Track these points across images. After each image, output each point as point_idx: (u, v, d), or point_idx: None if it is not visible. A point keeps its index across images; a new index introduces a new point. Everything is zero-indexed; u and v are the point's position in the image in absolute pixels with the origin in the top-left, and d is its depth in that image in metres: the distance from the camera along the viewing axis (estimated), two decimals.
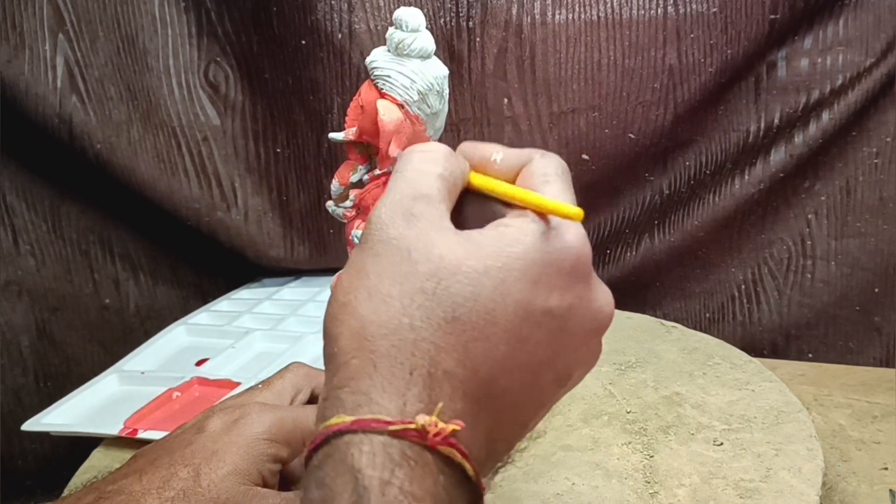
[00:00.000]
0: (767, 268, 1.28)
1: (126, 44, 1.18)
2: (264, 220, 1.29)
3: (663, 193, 1.28)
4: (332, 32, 1.16)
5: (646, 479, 0.76)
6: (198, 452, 0.63)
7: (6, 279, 1.19)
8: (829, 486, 0.85)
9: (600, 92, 1.20)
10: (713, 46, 1.17)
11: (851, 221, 1.23)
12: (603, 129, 1.21)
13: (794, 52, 1.19)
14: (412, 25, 0.68)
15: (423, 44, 0.68)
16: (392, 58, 0.69)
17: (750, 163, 1.24)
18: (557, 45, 1.18)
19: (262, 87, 1.24)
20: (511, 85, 1.20)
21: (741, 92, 1.22)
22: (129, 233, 1.29)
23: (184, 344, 1.13)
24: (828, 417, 0.98)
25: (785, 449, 0.79)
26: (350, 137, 0.72)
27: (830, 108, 1.19)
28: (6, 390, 1.20)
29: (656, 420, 0.86)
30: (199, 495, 0.60)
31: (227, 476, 0.61)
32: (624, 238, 1.33)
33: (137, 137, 1.20)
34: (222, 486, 0.61)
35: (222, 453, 0.62)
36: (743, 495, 0.73)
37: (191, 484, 0.61)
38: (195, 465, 0.62)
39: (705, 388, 0.92)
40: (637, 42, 1.18)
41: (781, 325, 1.29)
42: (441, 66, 0.70)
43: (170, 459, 0.63)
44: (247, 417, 0.65)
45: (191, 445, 0.64)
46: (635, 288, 1.34)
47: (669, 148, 1.25)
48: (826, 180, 1.23)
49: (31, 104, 1.13)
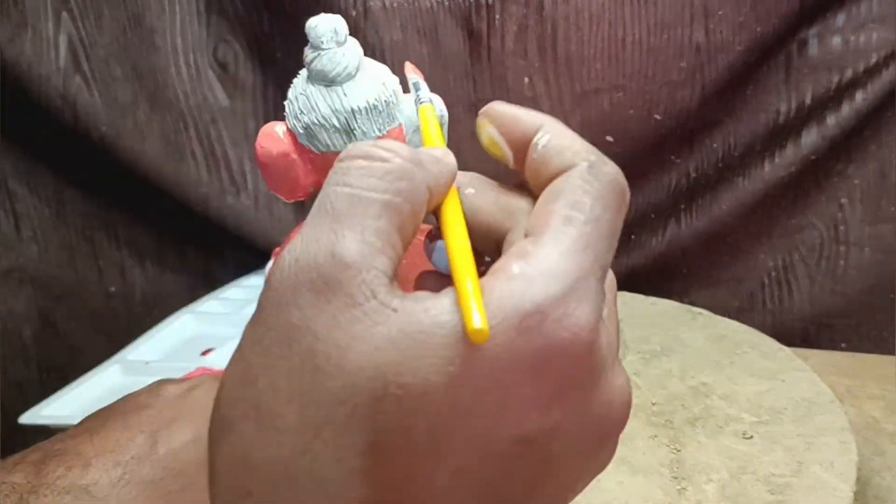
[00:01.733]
0: (798, 254, 1.26)
1: (132, 22, 1.17)
2: (274, 204, 1.29)
3: (690, 177, 1.26)
4: (345, 10, 1.14)
5: (673, 475, 0.74)
6: (154, 418, 0.61)
7: (8, 266, 1.19)
8: (863, 480, 0.82)
9: (625, 71, 1.17)
10: (742, 24, 1.14)
11: (886, 206, 1.20)
12: (627, 110, 1.19)
13: (826, 30, 1.16)
14: (313, 41, 0.56)
15: (324, 66, 0.56)
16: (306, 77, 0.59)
17: (780, 145, 1.22)
18: (580, 22, 1.15)
19: (273, 67, 1.23)
20: (532, 64, 1.17)
21: (771, 71, 1.19)
22: (134, 218, 1.28)
23: (190, 333, 1.12)
24: (861, 409, 0.96)
25: (817, 442, 0.77)
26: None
27: (864, 89, 1.16)
28: (8, 381, 1.19)
29: (683, 412, 0.84)
30: (155, 462, 0.58)
31: (186, 445, 0.59)
32: (649, 223, 1.30)
33: (144, 119, 1.19)
34: (179, 456, 0.58)
35: (182, 421, 0.60)
36: (773, 491, 0.71)
37: (146, 450, 0.58)
38: (152, 432, 0.59)
39: (733, 378, 0.89)
40: (663, 19, 1.15)
41: (813, 313, 1.27)
42: (366, 95, 0.57)
43: (123, 422, 0.60)
44: (203, 385, 0.64)
45: (147, 409, 0.62)
46: (661, 275, 1.32)
47: (696, 129, 1.23)
48: (859, 163, 1.21)
49: (33, 85, 1.12)
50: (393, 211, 0.35)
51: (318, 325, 0.32)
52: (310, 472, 0.32)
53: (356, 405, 0.31)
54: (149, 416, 0.61)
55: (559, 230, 0.34)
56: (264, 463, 0.33)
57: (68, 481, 0.56)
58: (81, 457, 0.58)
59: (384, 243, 0.34)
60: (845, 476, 0.72)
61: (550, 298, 0.32)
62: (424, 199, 0.37)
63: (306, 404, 0.32)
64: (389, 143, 0.37)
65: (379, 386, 0.31)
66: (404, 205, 0.35)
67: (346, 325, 0.32)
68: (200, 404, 0.62)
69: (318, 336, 0.32)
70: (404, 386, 0.31)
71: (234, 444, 0.33)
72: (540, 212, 0.36)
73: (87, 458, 0.57)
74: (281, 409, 0.32)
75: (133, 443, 0.59)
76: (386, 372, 0.31)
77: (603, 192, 0.36)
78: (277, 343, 0.33)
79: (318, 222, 0.34)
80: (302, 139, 0.57)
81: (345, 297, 0.32)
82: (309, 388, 0.32)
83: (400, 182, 0.35)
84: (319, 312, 0.32)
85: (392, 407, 0.31)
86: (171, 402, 0.62)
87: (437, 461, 0.33)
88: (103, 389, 0.97)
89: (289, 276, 0.33)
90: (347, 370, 0.31)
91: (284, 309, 0.33)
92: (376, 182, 0.35)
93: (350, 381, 0.31)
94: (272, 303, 0.33)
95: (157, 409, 0.62)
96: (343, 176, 0.35)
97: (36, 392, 1.17)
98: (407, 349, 0.31)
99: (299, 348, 0.32)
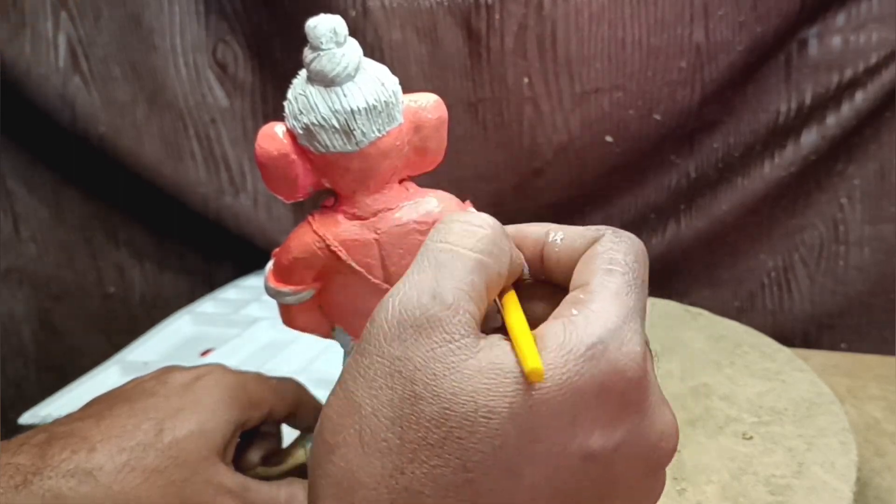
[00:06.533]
0: (799, 254, 1.25)
1: (131, 21, 1.18)
2: (274, 205, 1.29)
3: (690, 177, 1.26)
4: (345, 10, 1.13)
5: (673, 476, 0.73)
6: (161, 406, 0.62)
7: (7, 267, 1.19)
8: (863, 481, 0.82)
9: (624, 71, 1.17)
10: (742, 24, 1.13)
11: (886, 206, 1.20)
12: (627, 110, 1.19)
13: (827, 30, 1.16)
14: (312, 41, 0.55)
15: (323, 66, 0.55)
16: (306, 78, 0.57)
17: (780, 145, 1.21)
18: (580, 21, 1.15)
19: (272, 67, 1.23)
20: (531, 64, 1.17)
21: (771, 71, 1.19)
22: (133, 218, 1.29)
23: (189, 333, 1.12)
24: (862, 410, 0.95)
25: (817, 443, 0.77)
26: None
27: (864, 88, 1.16)
28: (7, 381, 1.19)
29: (683, 413, 0.84)
30: (159, 451, 0.60)
31: (191, 435, 0.61)
32: (649, 224, 1.30)
33: (142, 119, 1.19)
34: (184, 446, 0.60)
35: (188, 411, 0.62)
36: (774, 492, 0.70)
37: (151, 438, 0.60)
38: (158, 420, 0.61)
39: (733, 379, 0.89)
40: (663, 19, 1.14)
41: (813, 313, 1.27)
42: (366, 95, 0.56)
43: (129, 408, 0.62)
44: (210, 375, 0.65)
45: (153, 397, 0.63)
46: (661, 276, 1.30)
47: (696, 129, 1.23)
48: (859, 163, 1.21)
49: (32, 85, 1.12)
50: (483, 269, 0.40)
51: (418, 356, 0.37)
52: (408, 489, 0.36)
53: (451, 428, 0.36)
54: (155, 403, 0.62)
55: (604, 280, 0.40)
56: (367, 481, 0.37)
57: (73, 464, 0.58)
58: (87, 441, 0.59)
59: (475, 294, 0.39)
60: (846, 477, 0.72)
61: (609, 331, 0.38)
62: (507, 267, 0.42)
63: (406, 428, 0.36)
64: (484, 216, 0.43)
65: (470, 410, 0.36)
66: (493, 266, 0.41)
67: (442, 358, 0.37)
68: (206, 394, 0.63)
69: (417, 366, 0.37)
70: (492, 410, 0.36)
71: (339, 465, 0.38)
72: (582, 271, 0.42)
73: (93, 443, 0.59)
74: (383, 432, 0.37)
75: (139, 430, 0.60)
76: (476, 398, 0.36)
77: (630, 249, 0.42)
78: (382, 374, 0.38)
79: (420, 270, 0.40)
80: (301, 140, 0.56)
81: (442, 334, 0.37)
82: (409, 412, 0.36)
83: (492, 247, 0.41)
84: (419, 346, 0.37)
85: (482, 428, 0.36)
86: (178, 390, 0.63)
87: (518, 477, 0.37)
88: (101, 390, 0.95)
89: (393, 314, 0.38)
90: (443, 396, 0.36)
91: (389, 343, 0.38)
92: (473, 243, 0.41)
93: (445, 405, 0.36)
94: (378, 338, 0.38)
95: (164, 396, 0.63)
96: (444, 234, 0.41)
97: (35, 392, 1.17)
98: (494, 378, 0.36)
99: (401, 378, 0.37)
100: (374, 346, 0.38)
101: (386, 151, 0.56)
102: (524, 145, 1.20)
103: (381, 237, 0.58)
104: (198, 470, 0.60)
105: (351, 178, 0.57)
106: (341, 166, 0.57)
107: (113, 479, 0.58)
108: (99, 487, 0.58)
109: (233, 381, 0.65)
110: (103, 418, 0.61)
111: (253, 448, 0.71)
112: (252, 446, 0.71)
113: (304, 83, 0.56)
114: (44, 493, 0.56)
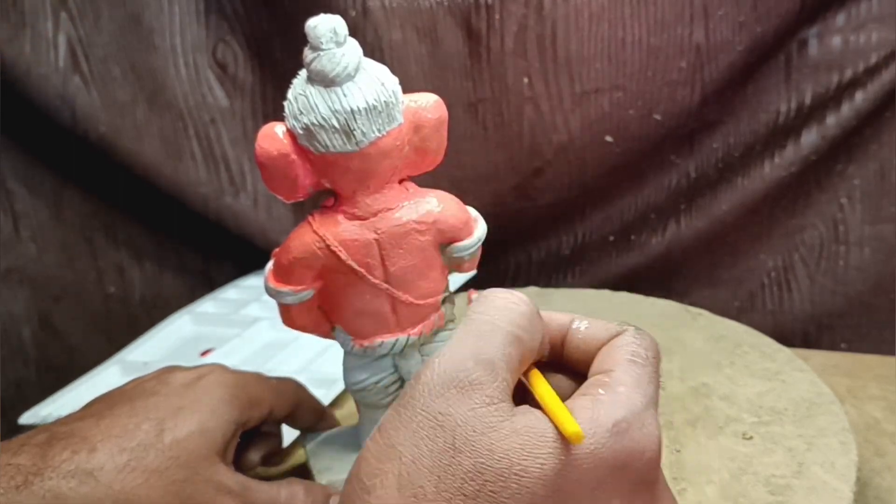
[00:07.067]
0: (799, 254, 1.25)
1: (131, 22, 1.17)
2: (274, 205, 1.29)
3: (690, 177, 1.26)
4: (345, 10, 1.13)
5: (673, 476, 0.73)
6: (161, 405, 0.63)
7: (6, 267, 1.18)
8: (863, 481, 0.82)
9: (624, 71, 1.17)
10: (742, 24, 1.13)
11: (886, 206, 1.20)
12: (627, 110, 1.19)
13: (827, 30, 1.16)
14: (312, 41, 0.55)
15: (323, 66, 0.55)
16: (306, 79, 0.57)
17: (780, 145, 1.21)
18: (580, 21, 1.15)
19: (272, 67, 1.23)
20: (531, 64, 1.17)
21: (771, 71, 1.19)
22: (133, 219, 1.28)
23: (188, 333, 1.12)
24: (862, 410, 0.95)
25: (817, 443, 0.77)
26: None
27: (864, 88, 1.16)
28: (7, 382, 1.19)
29: (683, 413, 0.84)
30: (160, 451, 0.60)
31: (192, 435, 0.61)
32: (649, 224, 1.30)
33: (142, 119, 1.19)
34: (184, 446, 0.61)
35: (188, 411, 0.62)
36: (774, 492, 0.70)
37: (152, 438, 0.60)
38: (159, 420, 0.61)
39: (733, 379, 0.89)
40: (663, 19, 1.14)
41: (813, 313, 1.27)
42: (366, 95, 0.56)
43: (130, 408, 0.62)
44: (211, 375, 0.66)
45: (154, 396, 0.64)
46: (661, 275, 1.31)
47: (696, 129, 1.23)
48: (859, 163, 1.20)
49: (32, 85, 1.12)
50: (519, 343, 0.44)
51: (460, 414, 0.40)
52: None
53: (485, 481, 0.39)
54: (155, 403, 0.62)
55: (628, 367, 0.45)
56: None
57: (74, 465, 0.58)
58: (88, 441, 0.59)
59: (511, 364, 0.43)
60: (845, 477, 0.71)
61: (633, 413, 0.42)
62: (538, 343, 0.46)
63: (443, 477, 0.39)
64: (522, 295, 0.46)
65: (505, 466, 0.39)
66: (527, 342, 0.45)
67: (481, 417, 0.40)
68: (207, 394, 0.63)
69: (458, 422, 0.40)
70: (525, 469, 0.39)
71: None
72: (605, 359, 0.46)
73: (94, 443, 0.59)
74: (421, 479, 0.39)
75: (139, 429, 0.60)
76: (511, 455, 0.39)
77: (651, 346, 0.47)
78: (425, 426, 0.41)
79: (463, 338, 0.43)
80: (301, 140, 0.56)
81: (483, 396, 0.41)
82: (447, 463, 0.39)
83: (528, 324, 0.45)
84: (461, 404, 0.40)
85: (514, 485, 0.39)
86: (178, 390, 0.64)
87: None
88: (101, 390, 0.95)
89: (439, 374, 0.42)
90: (481, 451, 0.39)
91: (434, 400, 0.41)
92: (512, 318, 0.45)
93: (482, 461, 0.39)
94: (423, 393, 0.41)
95: (164, 396, 0.63)
96: (486, 307, 0.45)
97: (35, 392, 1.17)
98: (528, 440, 0.39)
99: (443, 431, 0.40)
100: (418, 400, 0.41)
101: (386, 151, 0.56)
102: (524, 145, 1.20)
103: (381, 237, 0.58)
104: (198, 470, 0.60)
105: (351, 178, 0.57)
106: (341, 166, 0.57)
107: (113, 479, 0.58)
108: (99, 487, 0.58)
109: (233, 381, 0.65)
110: (104, 418, 0.61)
111: (253, 448, 0.71)
112: (252, 446, 0.71)
113: (304, 83, 0.56)
114: (44, 493, 0.56)
